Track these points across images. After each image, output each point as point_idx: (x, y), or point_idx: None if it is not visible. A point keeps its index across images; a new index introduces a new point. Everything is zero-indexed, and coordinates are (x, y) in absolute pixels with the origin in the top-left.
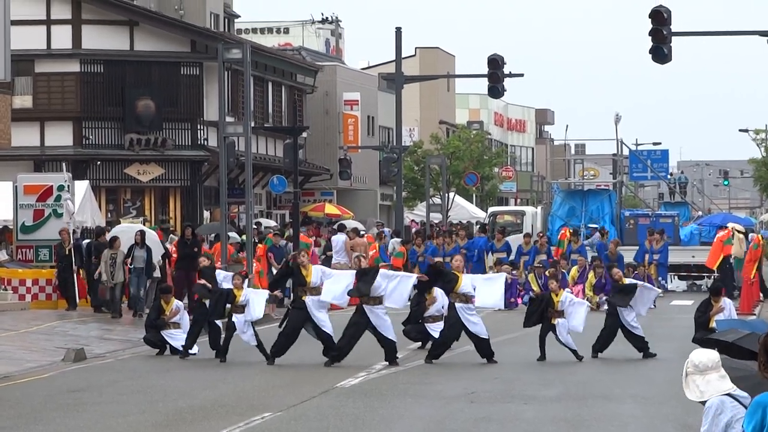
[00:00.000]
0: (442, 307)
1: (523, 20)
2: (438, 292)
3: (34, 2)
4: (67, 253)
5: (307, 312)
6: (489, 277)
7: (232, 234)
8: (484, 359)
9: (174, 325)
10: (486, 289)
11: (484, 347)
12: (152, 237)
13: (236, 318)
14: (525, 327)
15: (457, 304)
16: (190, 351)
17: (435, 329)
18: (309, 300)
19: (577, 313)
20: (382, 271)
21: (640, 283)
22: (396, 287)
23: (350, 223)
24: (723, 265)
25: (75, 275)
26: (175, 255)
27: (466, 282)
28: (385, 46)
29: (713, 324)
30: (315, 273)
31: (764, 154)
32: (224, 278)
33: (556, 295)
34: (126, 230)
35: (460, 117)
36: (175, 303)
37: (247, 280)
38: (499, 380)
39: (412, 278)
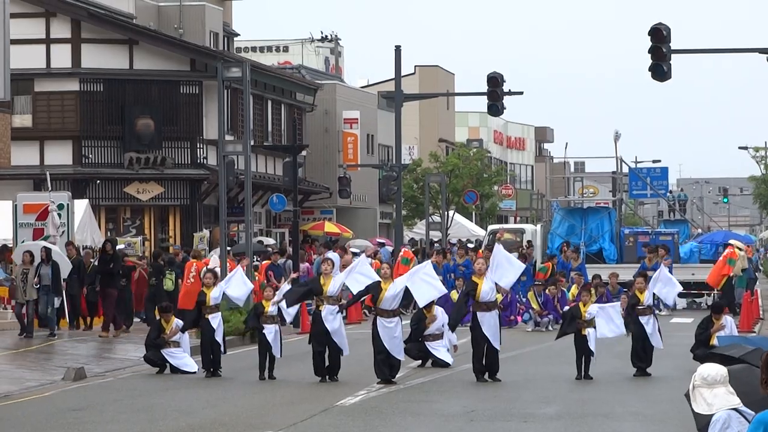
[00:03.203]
0: (442, 326)
1: (523, 38)
2: (438, 310)
3: (34, 21)
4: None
5: (324, 323)
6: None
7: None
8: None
9: (174, 343)
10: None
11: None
12: (58, 253)
13: (267, 328)
14: (556, 339)
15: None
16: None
17: (436, 347)
18: (324, 310)
19: (612, 317)
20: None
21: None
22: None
23: (354, 242)
24: (726, 284)
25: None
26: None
27: (486, 288)
28: (385, 64)
29: (714, 341)
30: (333, 283)
31: (764, 171)
32: (227, 282)
33: (584, 305)
34: (35, 246)
35: (460, 135)
36: (175, 322)
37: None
38: (499, 398)
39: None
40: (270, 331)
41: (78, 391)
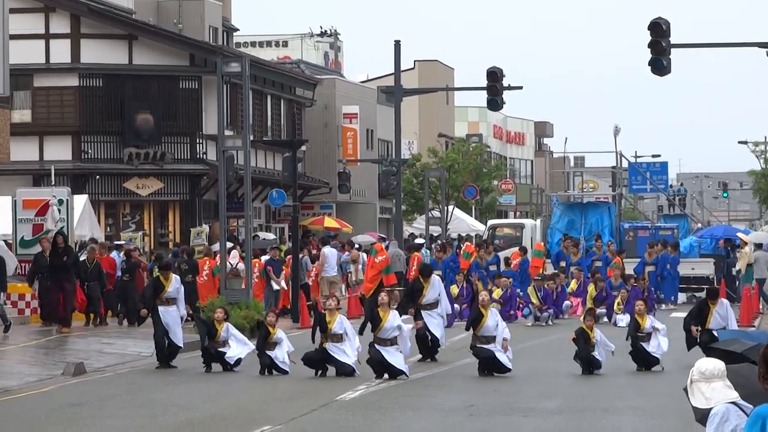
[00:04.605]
0: (439, 294)
1: (522, 33)
2: (435, 279)
3: (33, 16)
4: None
5: (328, 354)
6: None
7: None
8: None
9: (170, 301)
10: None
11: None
12: (3, 248)
13: (271, 353)
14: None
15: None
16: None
17: (432, 315)
18: (329, 346)
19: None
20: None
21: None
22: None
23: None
24: None
25: None
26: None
27: (490, 323)
28: (384, 59)
29: (711, 324)
30: (338, 321)
31: (763, 165)
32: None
33: (591, 331)
34: None
35: (459, 130)
36: (174, 278)
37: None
38: (499, 393)
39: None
40: (276, 355)
41: (77, 387)
